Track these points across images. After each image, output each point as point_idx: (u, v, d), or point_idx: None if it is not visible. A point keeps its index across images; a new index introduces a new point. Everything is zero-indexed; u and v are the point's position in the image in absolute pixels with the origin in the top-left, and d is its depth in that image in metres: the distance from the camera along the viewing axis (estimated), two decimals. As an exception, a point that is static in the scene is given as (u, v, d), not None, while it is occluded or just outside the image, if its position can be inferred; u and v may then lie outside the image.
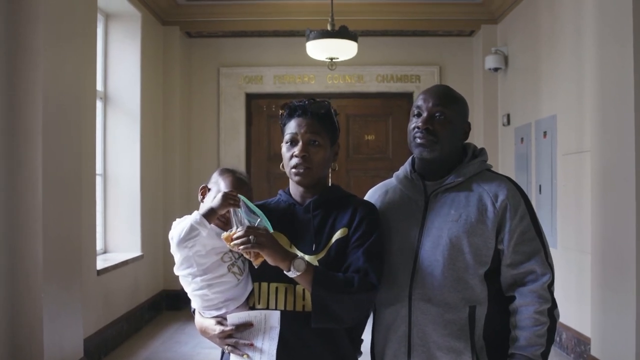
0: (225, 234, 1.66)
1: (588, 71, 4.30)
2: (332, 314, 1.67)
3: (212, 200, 1.80)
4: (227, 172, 1.91)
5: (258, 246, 1.61)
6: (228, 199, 1.72)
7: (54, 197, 3.67)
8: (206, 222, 1.72)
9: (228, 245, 1.66)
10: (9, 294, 3.47)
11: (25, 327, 3.50)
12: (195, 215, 1.73)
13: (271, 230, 1.69)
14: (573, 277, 4.59)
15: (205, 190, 1.90)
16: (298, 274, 1.64)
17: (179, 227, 1.75)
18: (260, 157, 7.14)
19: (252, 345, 1.70)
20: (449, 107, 1.81)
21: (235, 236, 1.63)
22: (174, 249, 1.76)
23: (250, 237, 1.61)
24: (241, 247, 1.62)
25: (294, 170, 1.78)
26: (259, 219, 1.69)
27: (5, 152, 3.47)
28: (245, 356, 1.70)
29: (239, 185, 1.86)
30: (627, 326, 3.59)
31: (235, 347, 1.72)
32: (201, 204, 1.88)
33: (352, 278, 1.69)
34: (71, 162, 3.97)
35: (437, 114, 1.79)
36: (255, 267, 1.69)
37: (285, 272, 1.65)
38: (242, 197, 1.71)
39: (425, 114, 1.80)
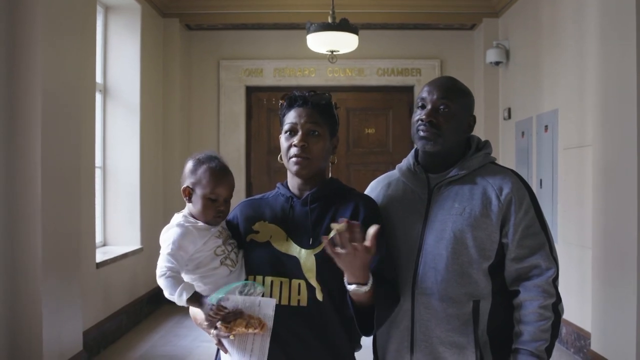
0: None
1: (590, 65, 4.28)
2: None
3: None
4: (202, 164, 1.79)
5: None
6: (214, 320, 1.64)
7: (53, 190, 3.65)
8: (184, 303, 1.69)
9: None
10: (8, 287, 3.46)
11: (24, 320, 3.49)
12: (184, 295, 1.67)
13: (262, 289, 1.68)
14: (574, 272, 4.59)
15: (189, 191, 1.78)
16: (367, 288, 1.61)
17: (162, 281, 1.70)
18: (260, 151, 7.12)
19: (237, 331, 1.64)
20: (454, 100, 1.78)
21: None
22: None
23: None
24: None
25: (293, 159, 1.73)
26: (252, 292, 1.66)
27: (4, 145, 3.45)
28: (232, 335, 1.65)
29: (222, 177, 1.77)
30: (628, 321, 3.59)
31: (219, 336, 1.67)
32: (188, 203, 1.80)
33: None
34: (70, 155, 3.95)
35: (441, 107, 1.77)
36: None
37: (358, 287, 1.60)
38: (215, 298, 1.64)
39: (429, 107, 1.77)
